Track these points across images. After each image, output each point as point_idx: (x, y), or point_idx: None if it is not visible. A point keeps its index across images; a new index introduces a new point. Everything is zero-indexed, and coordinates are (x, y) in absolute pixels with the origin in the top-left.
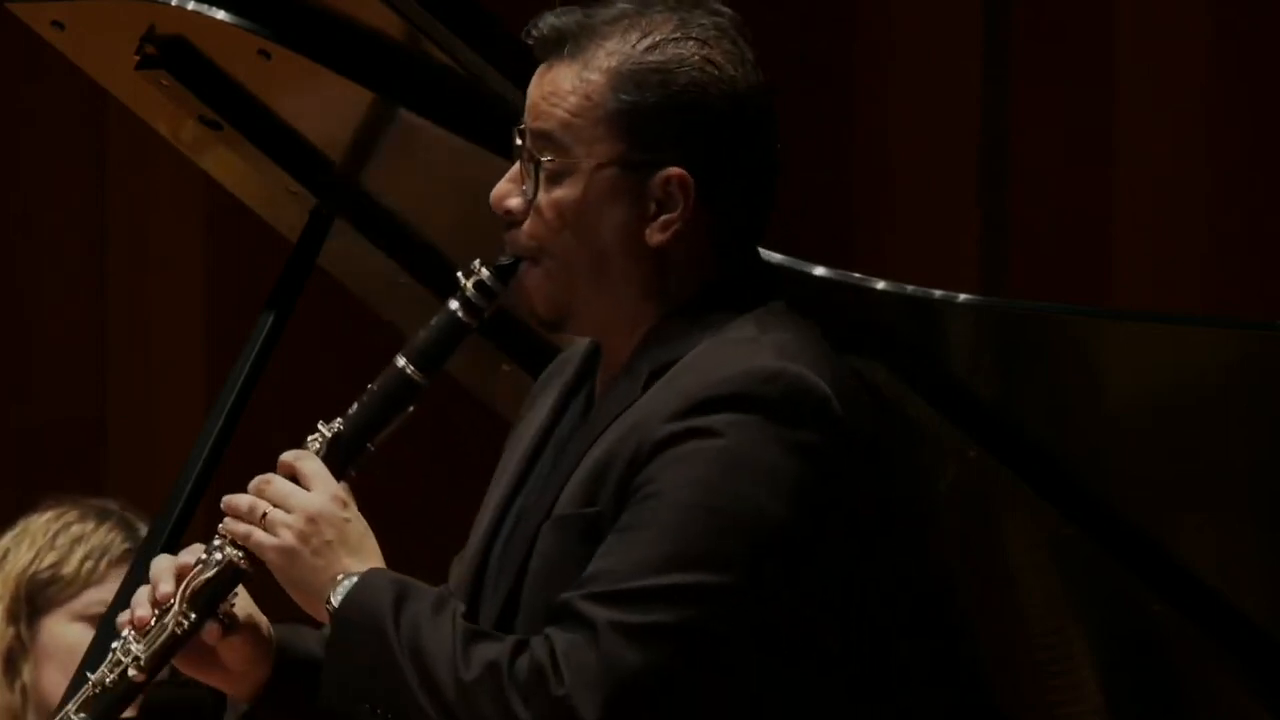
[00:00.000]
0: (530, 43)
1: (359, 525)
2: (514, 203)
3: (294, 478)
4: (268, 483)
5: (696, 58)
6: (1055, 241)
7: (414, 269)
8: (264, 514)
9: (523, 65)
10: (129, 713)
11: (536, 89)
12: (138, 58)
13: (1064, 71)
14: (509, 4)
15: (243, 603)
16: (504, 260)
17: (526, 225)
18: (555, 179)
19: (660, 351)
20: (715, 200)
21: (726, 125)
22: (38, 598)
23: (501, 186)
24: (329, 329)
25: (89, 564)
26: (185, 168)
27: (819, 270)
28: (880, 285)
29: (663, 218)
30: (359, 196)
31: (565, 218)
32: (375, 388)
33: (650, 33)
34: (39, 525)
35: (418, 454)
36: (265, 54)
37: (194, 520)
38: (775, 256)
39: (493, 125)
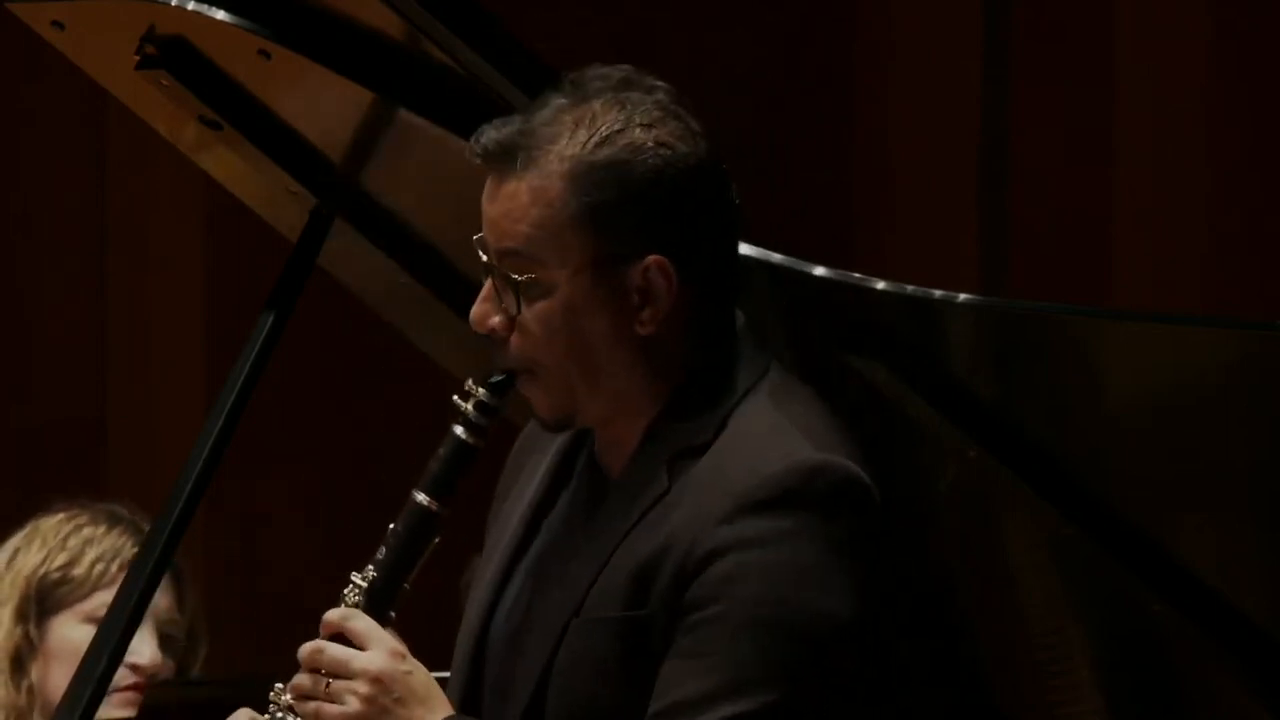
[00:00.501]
0: (476, 158)
1: (421, 675)
2: (495, 321)
3: (343, 638)
4: (320, 651)
5: (649, 144)
6: (1055, 241)
7: (414, 269)
8: (326, 684)
9: (522, 65)
10: (127, 712)
11: (493, 206)
12: (138, 58)
13: (1064, 71)
14: (509, 4)
15: None
16: (497, 377)
17: (514, 341)
18: (534, 294)
19: (678, 435)
20: (694, 280)
21: (689, 202)
22: (47, 598)
23: (479, 308)
24: (329, 329)
25: (100, 566)
26: (185, 168)
27: (819, 270)
28: (880, 285)
29: (648, 308)
30: (359, 196)
31: (551, 329)
32: (399, 528)
33: (596, 128)
34: (50, 526)
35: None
36: (265, 54)
37: (194, 520)
38: (775, 256)
39: None
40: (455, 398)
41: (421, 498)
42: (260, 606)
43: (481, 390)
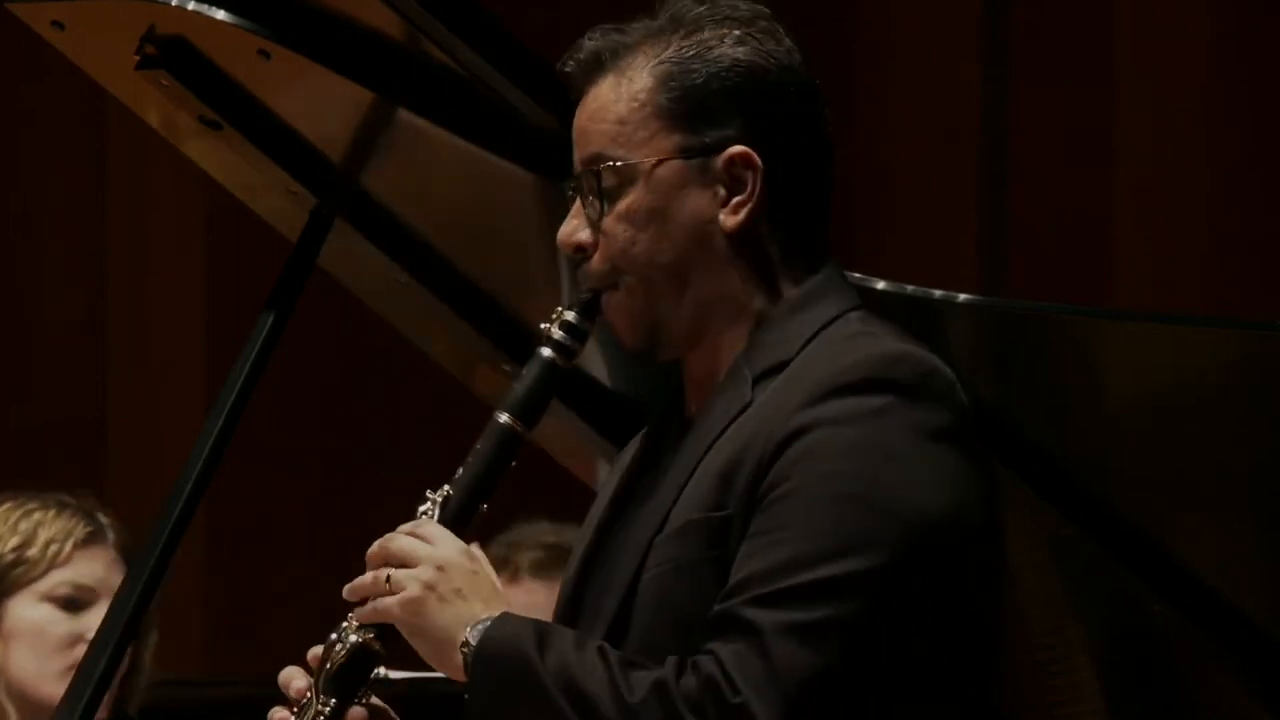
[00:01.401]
0: (570, 69)
1: (488, 579)
2: (582, 235)
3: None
4: (391, 539)
5: (736, 33)
6: (1055, 241)
7: (414, 269)
8: (388, 577)
9: (522, 65)
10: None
11: (582, 114)
12: (138, 58)
13: (1064, 71)
14: (509, 4)
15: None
16: (584, 295)
17: (600, 251)
18: (618, 190)
19: (760, 355)
20: (781, 176)
21: (777, 97)
22: (3, 580)
23: (567, 225)
24: (329, 329)
25: (54, 546)
26: (185, 168)
27: None
28: (880, 285)
29: (735, 199)
30: (359, 196)
31: (636, 224)
32: (480, 447)
33: (683, 27)
34: None
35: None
36: (265, 54)
37: (194, 520)
38: None
39: (493, 125)
40: (543, 325)
41: (504, 418)
42: (260, 606)
43: (569, 312)
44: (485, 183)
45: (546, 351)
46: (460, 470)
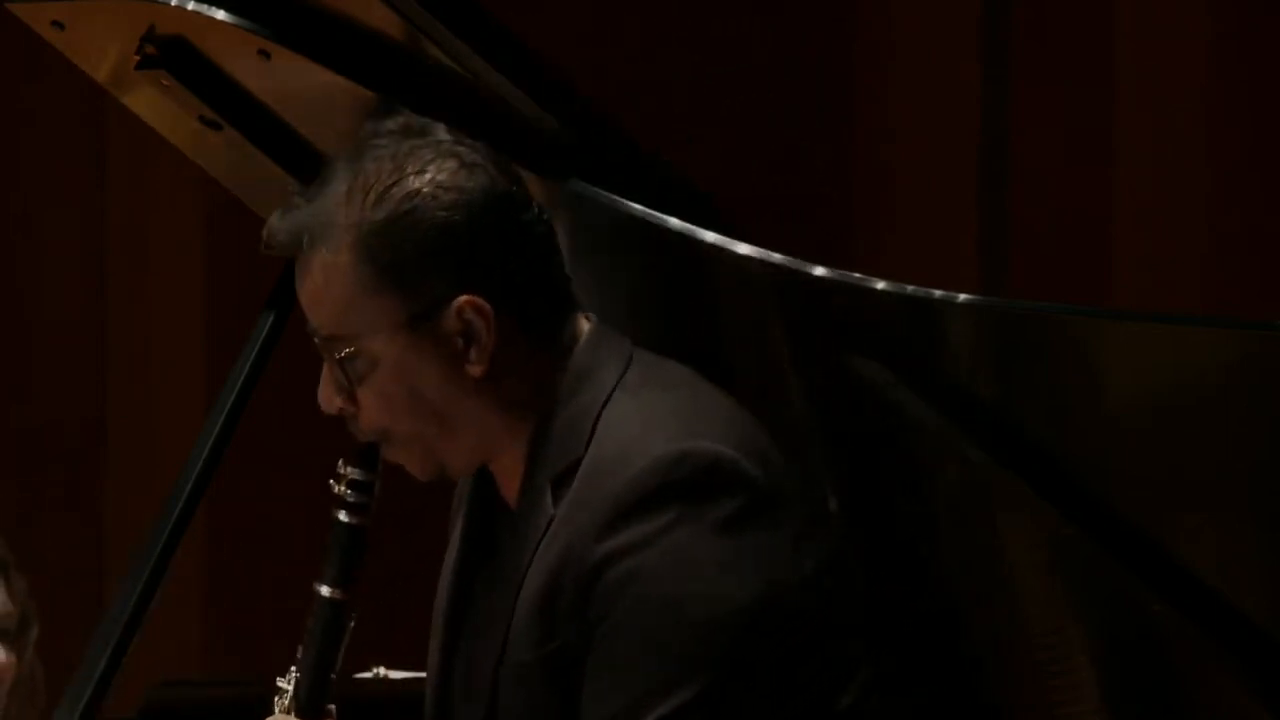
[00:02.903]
0: (267, 250)
1: None
2: (341, 401)
3: None
4: None
5: (425, 189)
6: (1055, 241)
7: None
8: None
9: (522, 65)
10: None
11: (300, 291)
12: (138, 58)
13: (1064, 71)
14: (509, 4)
15: None
16: (361, 450)
17: (361, 417)
18: (360, 369)
19: (553, 455)
20: (511, 302)
21: (483, 236)
22: None
23: (322, 392)
24: None
25: None
26: (185, 168)
27: (819, 270)
28: (880, 285)
29: (473, 349)
30: None
31: (389, 398)
32: (313, 627)
33: (370, 187)
34: None
35: None
36: (265, 54)
37: (194, 520)
38: (775, 256)
39: (493, 125)
40: (331, 481)
41: (326, 591)
42: (260, 606)
43: (351, 469)
44: None
45: (343, 517)
46: (300, 651)
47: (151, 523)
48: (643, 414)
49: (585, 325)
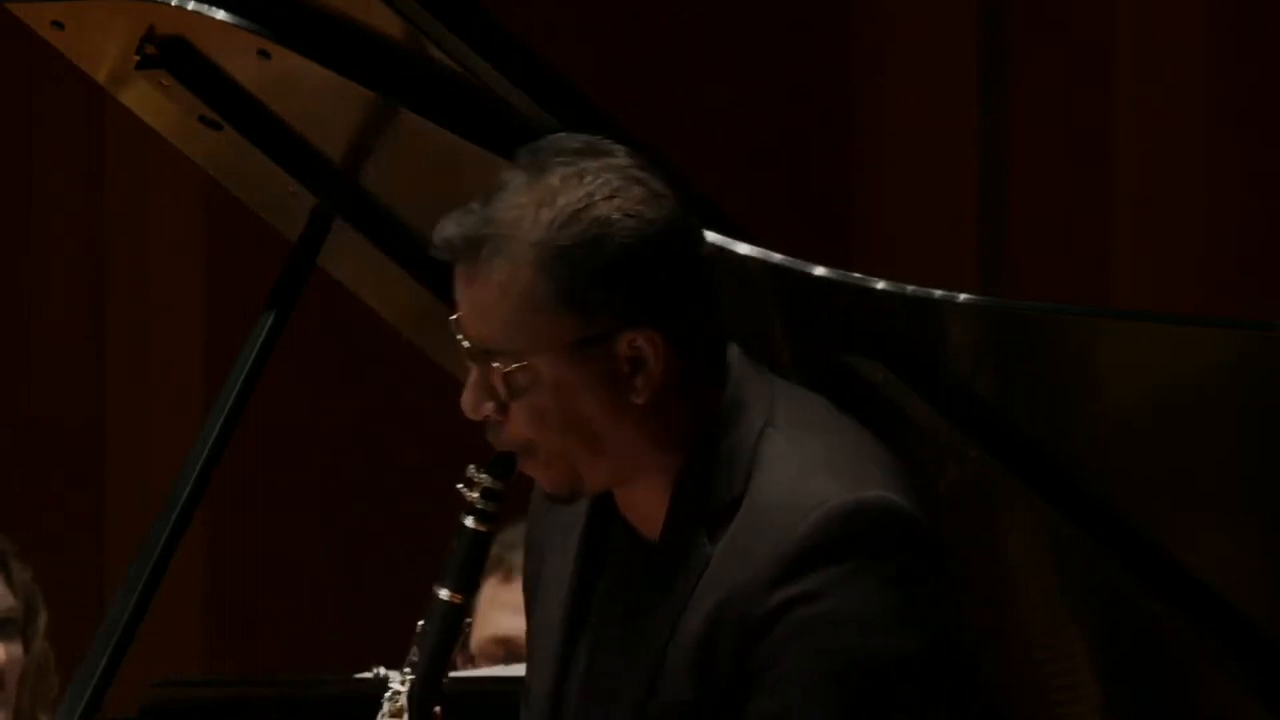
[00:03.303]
0: (437, 254)
1: None
2: (488, 408)
3: None
4: None
5: (615, 216)
6: (1055, 241)
7: (414, 269)
8: None
9: (523, 65)
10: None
11: (465, 301)
12: (138, 58)
13: (1064, 71)
14: (509, 4)
15: None
16: (498, 460)
17: (510, 427)
18: (521, 385)
19: (706, 494)
20: (681, 338)
21: (664, 268)
22: None
23: (469, 396)
24: (329, 329)
25: None
26: (185, 168)
27: (819, 270)
28: (880, 285)
29: (639, 378)
30: (359, 196)
31: (545, 415)
32: (428, 628)
33: (559, 207)
34: None
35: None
36: (265, 54)
37: (194, 520)
38: (775, 256)
39: (493, 125)
40: (460, 486)
41: (445, 594)
42: (260, 606)
43: (484, 476)
44: (485, 182)
45: (470, 522)
46: (414, 651)
47: (151, 523)
48: (800, 455)
49: (732, 356)
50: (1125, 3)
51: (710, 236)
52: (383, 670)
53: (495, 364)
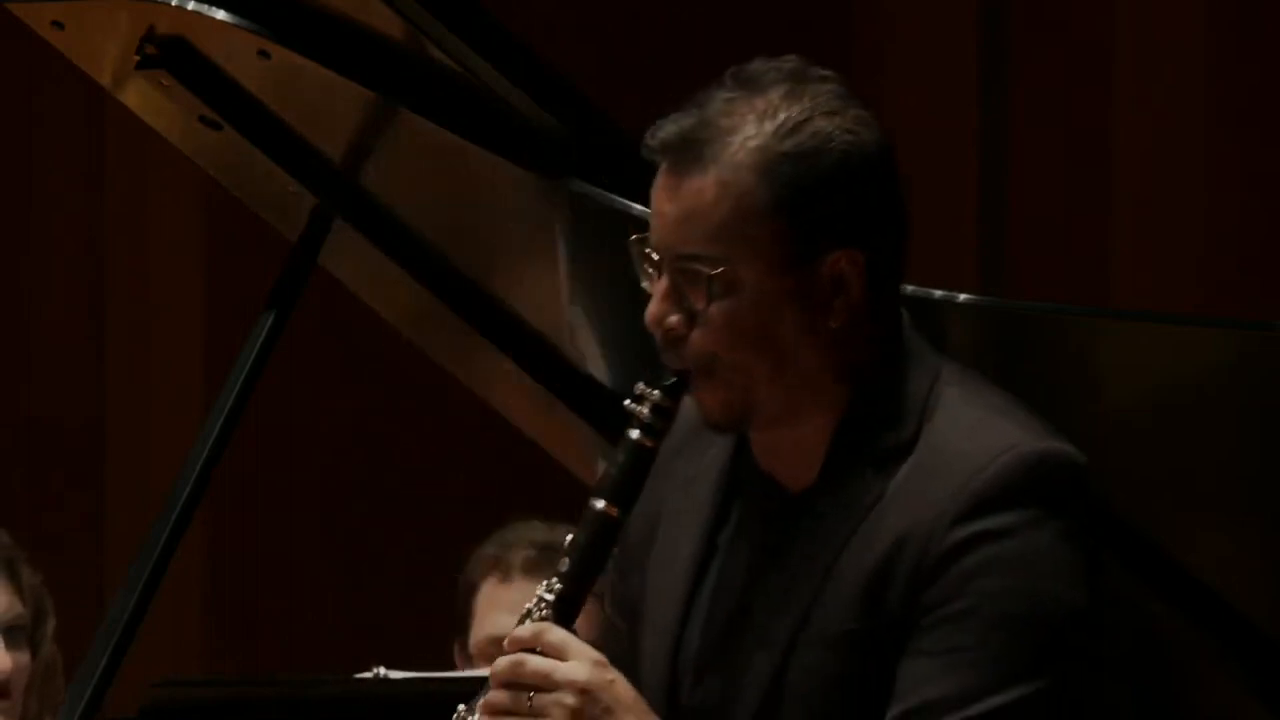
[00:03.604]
0: (654, 153)
1: (625, 684)
2: (674, 320)
3: (541, 653)
4: (521, 664)
5: (835, 131)
6: (1055, 241)
7: (414, 269)
8: (529, 699)
9: (522, 65)
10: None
11: (675, 205)
12: (138, 58)
13: (1064, 71)
14: (509, 4)
15: None
16: (670, 379)
17: (695, 338)
18: (722, 290)
19: (875, 436)
20: (879, 267)
21: (875, 191)
22: None
23: (656, 308)
24: (329, 329)
25: None
26: (185, 168)
27: None
28: None
29: (839, 299)
30: (359, 196)
31: (739, 326)
32: (580, 538)
33: (780, 118)
34: None
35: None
36: (265, 54)
37: (194, 520)
38: None
39: (492, 125)
40: (628, 403)
41: (600, 504)
42: (260, 606)
43: (656, 393)
44: (485, 183)
45: (635, 434)
46: (563, 561)
47: (151, 523)
48: (980, 403)
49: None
50: (1125, 3)
51: None
52: (383, 670)
53: (698, 268)
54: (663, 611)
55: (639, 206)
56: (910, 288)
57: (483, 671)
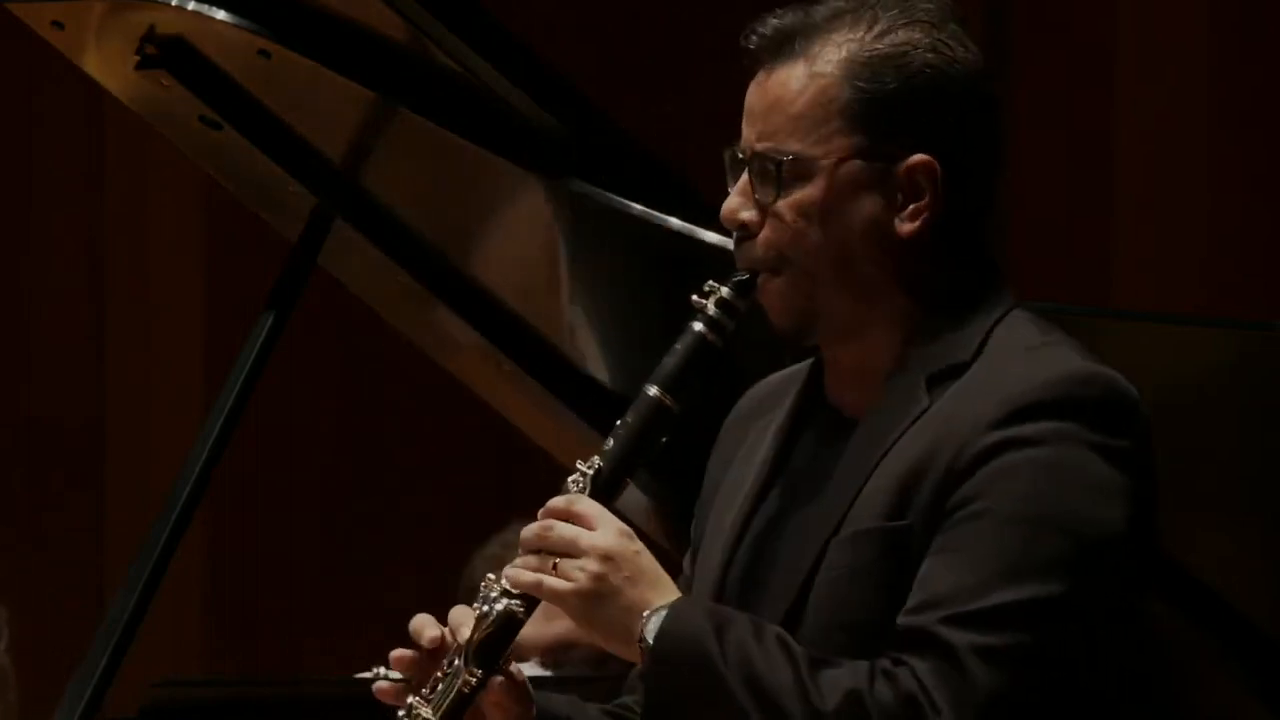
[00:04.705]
0: (751, 46)
1: (649, 557)
2: (747, 214)
3: (571, 521)
4: (549, 529)
5: (927, 40)
6: (1057, 242)
7: (414, 269)
8: (553, 564)
9: (522, 64)
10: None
11: (760, 95)
12: (138, 58)
13: (1066, 73)
14: (509, 4)
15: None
16: (741, 276)
17: (764, 234)
18: (794, 181)
19: (933, 355)
20: (959, 187)
21: (962, 107)
22: None
23: (731, 201)
24: (329, 329)
25: None
26: (185, 168)
27: None
28: None
29: (911, 206)
30: (359, 196)
31: (810, 218)
32: (630, 419)
33: (876, 21)
34: None
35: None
36: (265, 54)
37: (193, 520)
38: None
39: (492, 125)
40: (694, 297)
41: (654, 390)
42: (260, 606)
43: (725, 289)
44: (484, 181)
45: (699, 326)
46: (609, 441)
47: (151, 523)
48: (1044, 334)
49: (991, 262)
50: (1127, 4)
51: (710, 236)
52: (382, 670)
53: (772, 157)
54: (719, 541)
55: (639, 206)
56: None
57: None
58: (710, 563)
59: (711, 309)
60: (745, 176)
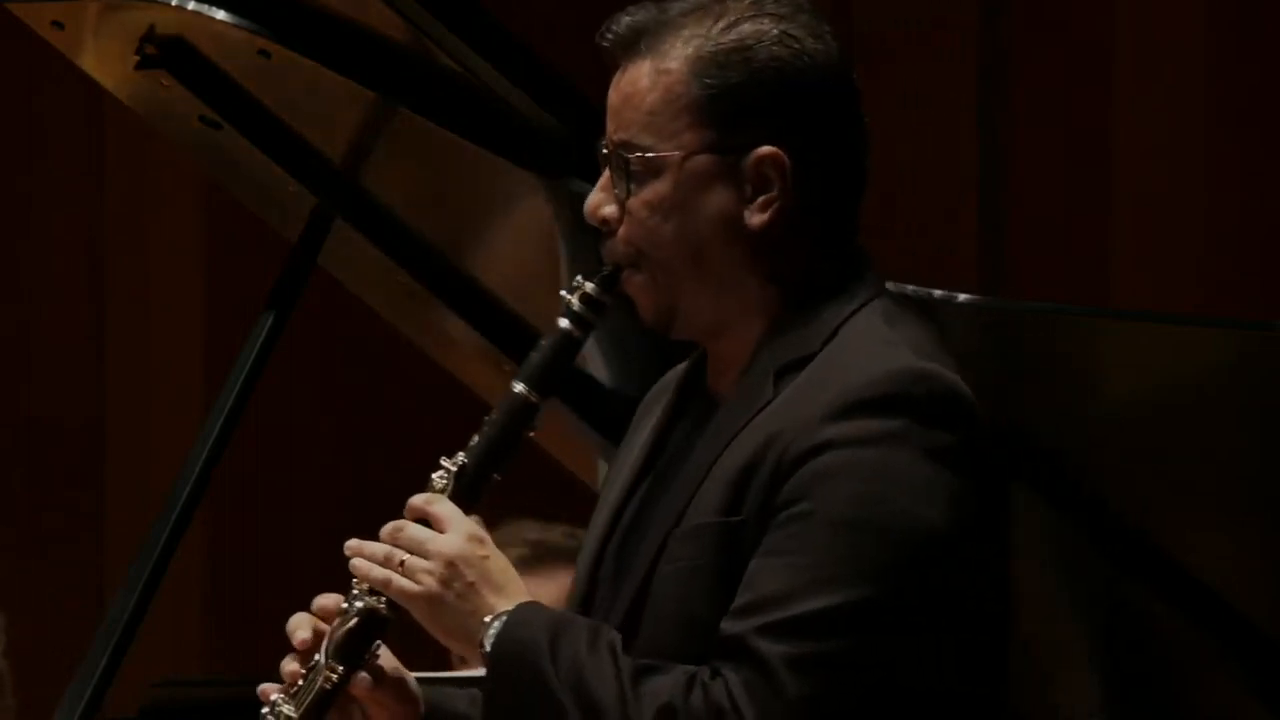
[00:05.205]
0: (605, 44)
1: (499, 561)
2: (608, 210)
3: (425, 522)
4: (400, 529)
5: (775, 32)
6: (1055, 241)
7: (414, 269)
8: (401, 561)
9: (522, 64)
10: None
11: (615, 93)
12: (138, 58)
13: (1064, 71)
14: (509, 4)
15: (387, 657)
16: (605, 270)
17: (623, 230)
18: (645, 177)
19: (783, 347)
20: (810, 178)
21: (811, 100)
22: None
23: (594, 197)
24: (329, 329)
25: None
26: (185, 168)
27: None
28: None
29: (761, 198)
30: (359, 196)
31: (662, 214)
32: (495, 416)
33: (724, 15)
34: None
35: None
36: (265, 54)
37: (193, 520)
38: None
39: (492, 125)
40: (562, 291)
41: (520, 387)
42: (260, 606)
43: (589, 285)
44: (484, 181)
45: (564, 323)
46: (474, 439)
47: (151, 523)
48: (890, 332)
49: (858, 251)
50: (1125, 3)
51: None
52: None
53: (625, 154)
54: (596, 530)
55: None
56: (910, 288)
57: (480, 671)
58: (587, 550)
59: (576, 305)
60: (608, 173)
